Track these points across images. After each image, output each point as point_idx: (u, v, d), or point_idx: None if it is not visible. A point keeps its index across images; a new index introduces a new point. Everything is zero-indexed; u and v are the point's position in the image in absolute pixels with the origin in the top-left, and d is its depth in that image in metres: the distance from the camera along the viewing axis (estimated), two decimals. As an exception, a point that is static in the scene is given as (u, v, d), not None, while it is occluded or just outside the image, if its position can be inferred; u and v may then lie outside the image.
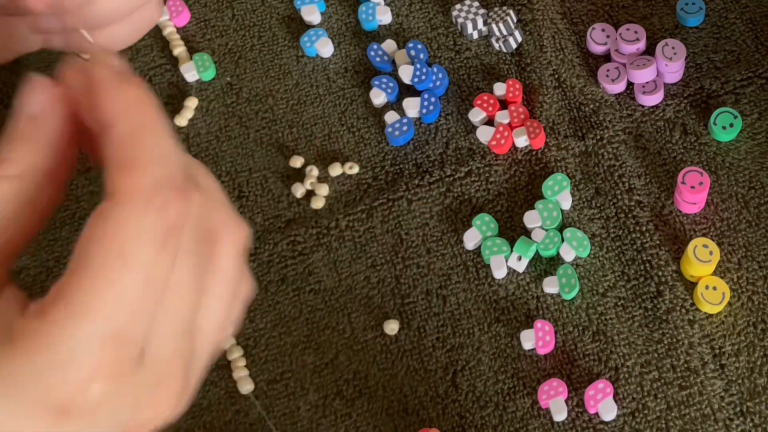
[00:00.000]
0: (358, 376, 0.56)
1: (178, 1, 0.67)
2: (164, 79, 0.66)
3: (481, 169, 0.61)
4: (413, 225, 0.60)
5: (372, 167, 0.62)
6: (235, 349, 0.57)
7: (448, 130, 0.62)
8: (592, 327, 0.56)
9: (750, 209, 0.58)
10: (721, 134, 0.59)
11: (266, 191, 0.62)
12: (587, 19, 0.64)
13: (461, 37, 0.65)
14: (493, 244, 0.58)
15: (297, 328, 0.58)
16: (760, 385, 0.54)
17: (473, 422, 0.54)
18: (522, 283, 0.58)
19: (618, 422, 0.53)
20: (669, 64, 0.60)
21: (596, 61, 0.63)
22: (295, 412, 0.56)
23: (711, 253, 0.55)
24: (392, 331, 0.57)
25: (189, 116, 0.64)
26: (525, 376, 0.55)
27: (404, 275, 0.58)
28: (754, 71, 0.61)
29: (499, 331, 0.56)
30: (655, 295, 0.56)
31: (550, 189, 0.58)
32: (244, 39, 0.67)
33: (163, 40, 0.67)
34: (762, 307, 0.55)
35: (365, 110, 0.63)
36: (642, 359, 0.55)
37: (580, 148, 0.61)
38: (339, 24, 0.67)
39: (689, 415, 0.53)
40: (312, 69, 0.65)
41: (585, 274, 0.57)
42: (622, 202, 0.59)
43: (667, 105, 0.61)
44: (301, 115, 0.64)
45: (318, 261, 0.59)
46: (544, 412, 0.54)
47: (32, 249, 0.61)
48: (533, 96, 0.62)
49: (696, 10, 0.63)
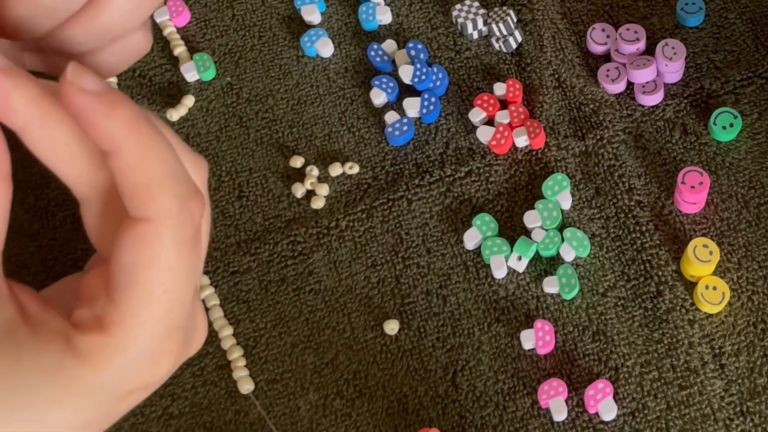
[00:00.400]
0: (358, 376, 0.56)
1: (178, 1, 0.67)
2: (164, 79, 0.66)
3: (481, 169, 0.61)
4: (413, 225, 0.60)
5: (372, 167, 0.62)
6: (235, 349, 0.57)
7: (448, 130, 0.62)
8: (592, 327, 0.56)
9: (750, 209, 0.58)
10: (721, 134, 0.59)
11: (266, 191, 0.62)
12: (587, 19, 0.64)
13: (461, 37, 0.65)
14: (493, 244, 0.58)
15: (297, 328, 0.58)
16: (760, 385, 0.54)
17: (473, 422, 0.54)
18: (522, 283, 0.58)
19: (618, 422, 0.53)
20: (669, 64, 0.60)
21: (596, 61, 0.63)
22: (295, 412, 0.56)
23: (711, 253, 0.55)
24: (392, 331, 0.57)
25: (183, 113, 0.64)
26: (525, 376, 0.55)
27: (404, 275, 0.58)
28: (754, 71, 0.61)
29: (499, 331, 0.56)
30: (655, 295, 0.56)
31: (550, 189, 0.58)
32: (244, 39, 0.67)
33: (164, 40, 0.67)
34: (762, 307, 0.55)
35: (365, 110, 0.64)
36: (642, 359, 0.55)
37: (580, 148, 0.61)
38: (339, 24, 0.67)
39: (689, 415, 0.53)
40: (312, 69, 0.65)
41: (585, 274, 0.57)
42: (622, 202, 0.59)
43: (667, 105, 0.61)
44: (301, 115, 0.64)
45: (318, 261, 0.59)
46: (544, 412, 0.54)
47: (32, 249, 0.61)
48: (533, 96, 0.62)
49: (696, 10, 0.63)
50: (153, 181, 0.32)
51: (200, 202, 0.34)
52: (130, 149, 0.32)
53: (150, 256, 0.33)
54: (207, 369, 0.57)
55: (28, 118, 0.33)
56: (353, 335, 0.57)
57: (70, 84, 0.32)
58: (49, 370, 0.32)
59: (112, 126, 0.32)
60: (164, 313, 0.34)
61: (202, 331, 0.38)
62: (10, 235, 0.61)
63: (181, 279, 0.34)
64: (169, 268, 0.33)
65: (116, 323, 0.33)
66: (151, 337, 0.34)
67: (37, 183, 0.63)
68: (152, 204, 0.33)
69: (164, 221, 0.33)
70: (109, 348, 0.33)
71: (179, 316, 0.34)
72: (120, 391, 0.34)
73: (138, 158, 0.32)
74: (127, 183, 0.33)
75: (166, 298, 0.33)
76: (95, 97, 0.32)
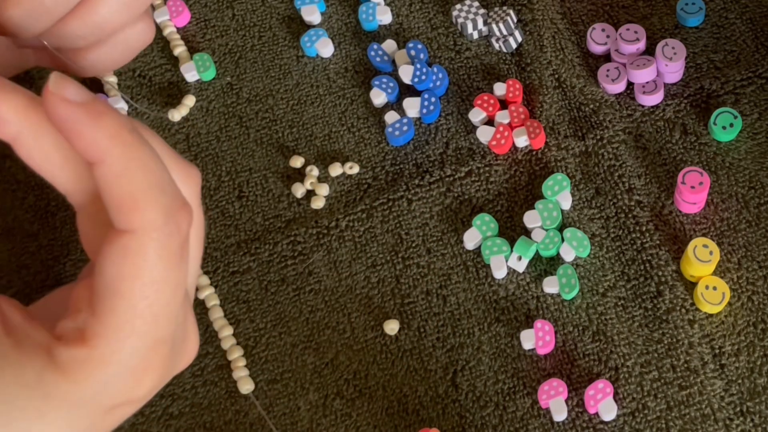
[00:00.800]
0: (358, 376, 0.56)
1: (178, 1, 0.67)
2: (164, 79, 0.66)
3: (481, 169, 0.61)
4: (413, 225, 0.60)
5: (372, 167, 0.62)
6: (235, 349, 0.57)
7: (448, 130, 0.62)
8: (592, 327, 0.56)
9: (750, 209, 0.58)
10: (721, 134, 0.59)
11: (266, 191, 0.62)
12: (587, 19, 0.64)
13: (461, 37, 0.65)
14: (493, 244, 0.58)
15: (297, 328, 0.58)
16: (760, 385, 0.54)
17: (473, 422, 0.54)
18: (522, 283, 0.58)
19: (618, 422, 0.53)
20: (669, 64, 0.60)
21: (596, 61, 0.63)
22: (295, 412, 0.56)
23: (711, 253, 0.55)
24: (392, 331, 0.57)
25: (184, 113, 0.64)
26: (525, 376, 0.55)
27: (404, 275, 0.58)
28: (754, 71, 0.61)
29: (499, 331, 0.56)
30: (655, 295, 0.56)
31: (550, 189, 0.58)
32: (244, 39, 0.67)
33: (163, 40, 0.67)
34: (762, 307, 0.55)
35: (365, 110, 0.64)
36: (642, 359, 0.55)
37: (580, 148, 0.61)
38: (339, 24, 0.67)
39: (689, 415, 0.53)
40: (312, 69, 0.65)
41: (585, 274, 0.57)
42: (622, 202, 0.59)
43: (667, 105, 0.61)
44: (301, 115, 0.64)
45: (318, 261, 0.59)
46: (544, 412, 0.54)
47: (32, 249, 0.61)
48: (533, 96, 0.62)
49: (696, 10, 0.63)
50: (138, 192, 0.32)
51: (187, 213, 0.33)
52: (115, 159, 0.32)
53: (133, 269, 0.32)
54: (207, 369, 0.57)
55: (19, 128, 0.33)
56: (353, 335, 0.57)
57: (53, 94, 0.31)
58: (30, 383, 0.32)
59: (96, 136, 0.31)
60: (148, 327, 0.33)
61: (192, 347, 0.37)
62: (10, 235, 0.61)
63: (167, 292, 0.33)
64: (154, 281, 0.33)
65: (98, 336, 0.32)
66: (134, 350, 0.33)
67: (37, 183, 0.63)
68: (137, 215, 0.32)
69: (149, 233, 0.32)
70: (90, 361, 0.32)
71: (164, 331, 0.34)
72: (103, 406, 0.33)
73: (122, 168, 0.32)
74: (111, 194, 0.32)
75: (150, 311, 0.33)
76: (78, 107, 0.31)
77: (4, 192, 0.63)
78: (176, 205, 0.33)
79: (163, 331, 0.34)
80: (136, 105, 0.65)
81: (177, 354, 0.36)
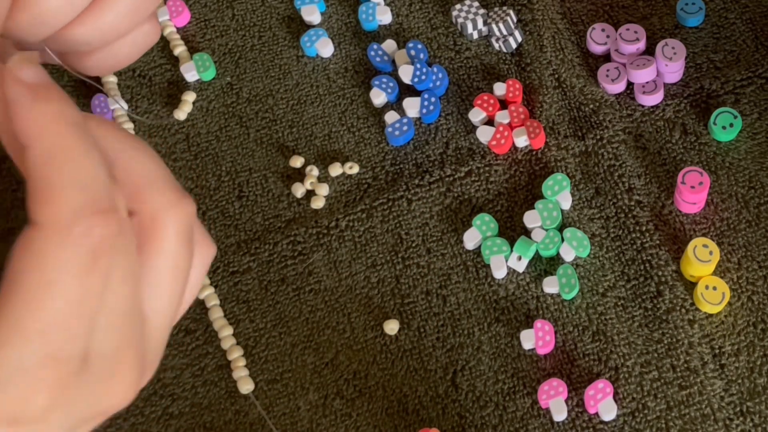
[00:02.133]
0: (358, 376, 0.56)
1: (178, 1, 0.67)
2: (164, 79, 0.66)
3: (481, 169, 0.61)
4: (413, 225, 0.60)
5: (372, 167, 0.62)
6: (235, 349, 0.57)
7: (448, 130, 0.62)
8: (592, 327, 0.56)
9: (750, 209, 0.58)
10: (721, 134, 0.59)
11: (266, 191, 0.62)
12: (587, 19, 0.64)
13: (461, 37, 0.65)
14: (493, 244, 0.58)
15: (297, 328, 0.58)
16: (760, 385, 0.54)
17: (473, 422, 0.54)
18: (522, 283, 0.58)
19: (618, 422, 0.53)
20: (669, 64, 0.60)
21: (596, 61, 0.63)
22: (295, 412, 0.56)
23: (711, 253, 0.55)
24: (392, 331, 0.57)
25: (188, 110, 0.64)
26: (525, 376, 0.55)
27: (404, 275, 0.59)
28: (754, 71, 0.61)
29: (499, 331, 0.56)
30: (655, 295, 0.56)
31: (550, 189, 0.58)
32: (244, 39, 0.67)
33: (163, 40, 0.67)
34: (762, 307, 0.55)
35: (365, 110, 0.64)
36: (642, 359, 0.55)
37: (580, 148, 0.61)
38: (339, 24, 0.67)
39: (689, 415, 0.53)
40: (312, 69, 0.65)
41: (585, 274, 0.57)
42: (622, 202, 0.59)
43: (667, 105, 0.61)
44: (301, 115, 0.64)
45: (318, 261, 0.59)
46: (544, 412, 0.54)
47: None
48: (533, 96, 0.62)
49: (696, 10, 0.63)
50: (55, 184, 0.30)
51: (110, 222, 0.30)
52: (42, 146, 0.30)
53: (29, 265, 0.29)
54: (207, 369, 0.57)
55: None
56: (353, 335, 0.57)
57: (8, 71, 0.30)
58: None
59: (30, 118, 0.30)
60: (36, 336, 0.29)
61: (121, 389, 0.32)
62: (10, 235, 0.61)
63: (68, 304, 0.29)
64: (49, 284, 0.29)
65: None
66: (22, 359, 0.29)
67: (37, 183, 0.63)
68: (45, 208, 0.29)
69: (52, 228, 0.29)
70: None
71: (61, 348, 0.29)
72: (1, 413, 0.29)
73: (46, 157, 0.30)
74: (29, 181, 0.30)
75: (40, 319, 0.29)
76: (25, 87, 0.30)
77: (4, 192, 0.64)
78: (96, 208, 0.30)
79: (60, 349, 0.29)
80: (135, 115, 0.65)
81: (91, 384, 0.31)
